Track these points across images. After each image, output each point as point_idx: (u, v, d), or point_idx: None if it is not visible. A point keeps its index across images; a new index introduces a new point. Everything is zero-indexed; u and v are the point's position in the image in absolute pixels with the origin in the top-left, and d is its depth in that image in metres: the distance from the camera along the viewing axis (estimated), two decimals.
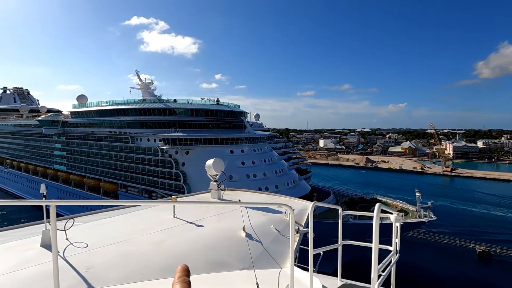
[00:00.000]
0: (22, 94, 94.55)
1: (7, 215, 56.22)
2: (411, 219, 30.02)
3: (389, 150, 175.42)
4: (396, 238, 3.61)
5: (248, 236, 4.88)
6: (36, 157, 63.03)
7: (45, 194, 5.07)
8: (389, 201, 37.47)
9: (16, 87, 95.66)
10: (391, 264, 3.34)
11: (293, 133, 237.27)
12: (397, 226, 3.64)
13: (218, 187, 7.54)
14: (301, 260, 4.28)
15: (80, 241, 4.36)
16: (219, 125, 42.39)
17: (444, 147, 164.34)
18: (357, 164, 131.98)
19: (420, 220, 29.79)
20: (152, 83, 53.70)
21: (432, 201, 31.22)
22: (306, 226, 5.06)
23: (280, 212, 6.10)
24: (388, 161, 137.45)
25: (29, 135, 64.77)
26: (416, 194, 31.20)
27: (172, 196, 6.87)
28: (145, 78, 53.49)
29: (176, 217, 5.75)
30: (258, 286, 3.37)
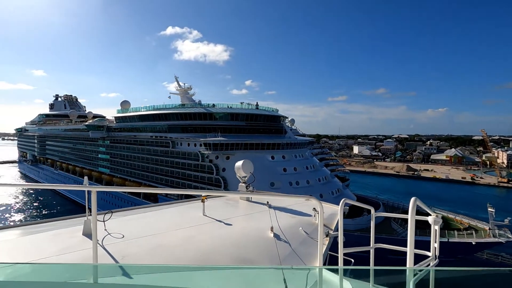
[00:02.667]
0: (71, 101, 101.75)
1: (56, 210, 59.73)
2: (485, 239, 25.95)
3: (431, 157, 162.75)
4: (435, 242, 3.32)
5: (276, 236, 4.88)
6: (82, 160, 66.60)
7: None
8: (451, 215, 33.22)
9: (66, 95, 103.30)
10: (429, 267, 3.09)
11: (325, 139, 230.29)
12: (436, 229, 3.30)
13: (247, 189, 7.74)
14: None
15: (117, 232, 4.77)
16: (259, 130, 41.12)
17: (496, 155, 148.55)
18: (397, 172, 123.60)
19: (496, 240, 25.62)
20: (191, 89, 54.21)
21: (509, 218, 26.82)
22: (337, 230, 4.80)
23: (309, 215, 6.09)
24: (432, 170, 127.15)
25: (77, 139, 68.76)
26: (489, 210, 26.99)
27: (202, 195, 6.83)
28: (184, 84, 54.21)
29: (206, 215, 6.01)
30: (285, 282, 3.25)
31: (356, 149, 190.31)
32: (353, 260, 4.25)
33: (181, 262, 3.91)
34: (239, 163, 7.95)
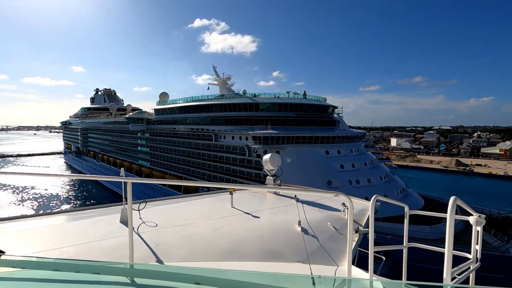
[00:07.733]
0: (110, 95, 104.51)
1: (95, 199, 61.17)
2: None
3: (481, 151, 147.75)
4: (477, 244, 2.90)
5: (304, 230, 4.80)
6: (122, 152, 67.33)
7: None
8: None
9: (105, 88, 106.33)
10: (469, 271, 2.78)
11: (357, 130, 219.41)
12: (478, 231, 2.80)
13: (275, 182, 7.85)
14: (360, 265, 3.65)
15: (151, 220, 5.02)
16: (309, 122, 37.34)
17: None
18: (444, 167, 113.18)
19: None
20: (229, 79, 51.55)
21: None
22: (367, 227, 4.25)
23: (338, 210, 5.93)
24: (485, 165, 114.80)
25: (117, 132, 69.58)
26: None
27: (230, 188, 6.45)
28: (223, 74, 51.68)
29: (234, 207, 6.08)
30: (313, 279, 3.07)
31: (394, 142, 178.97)
32: (384, 258, 4.45)
33: (210, 252, 3.96)
34: (266, 156, 8.14)
